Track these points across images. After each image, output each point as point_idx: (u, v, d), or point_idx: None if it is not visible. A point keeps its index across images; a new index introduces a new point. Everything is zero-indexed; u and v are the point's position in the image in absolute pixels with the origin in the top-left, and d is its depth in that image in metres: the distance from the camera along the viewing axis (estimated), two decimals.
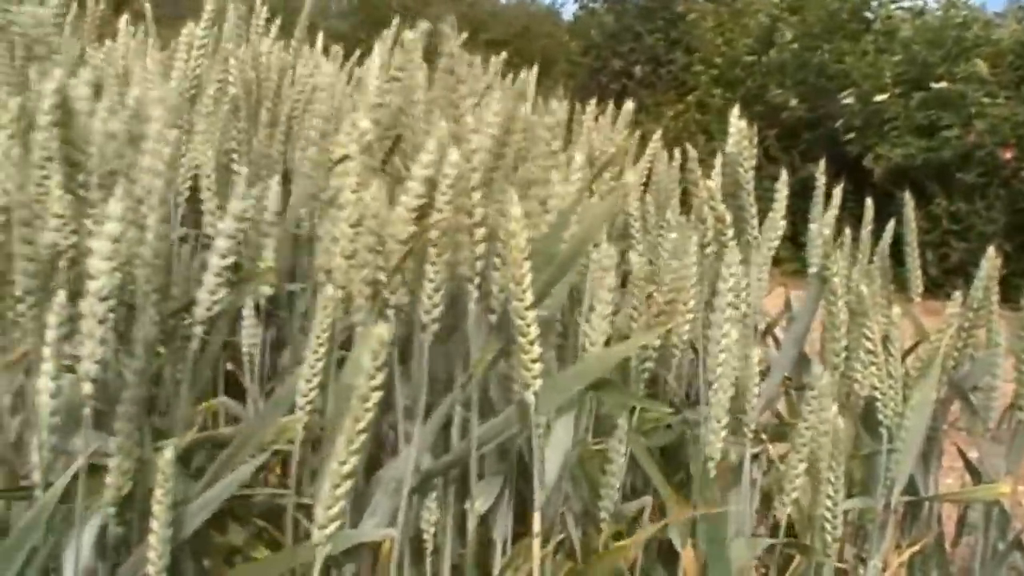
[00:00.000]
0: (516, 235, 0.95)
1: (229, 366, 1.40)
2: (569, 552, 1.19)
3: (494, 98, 1.08)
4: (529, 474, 1.13)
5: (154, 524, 0.89)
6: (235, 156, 1.43)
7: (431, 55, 1.16)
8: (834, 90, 7.31)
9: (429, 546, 1.09)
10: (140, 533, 0.95)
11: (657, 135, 1.70)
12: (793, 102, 7.56)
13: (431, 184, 1.02)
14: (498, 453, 1.11)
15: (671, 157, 1.75)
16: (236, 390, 1.34)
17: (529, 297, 0.95)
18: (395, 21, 2.03)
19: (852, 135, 7.08)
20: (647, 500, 1.27)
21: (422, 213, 1.03)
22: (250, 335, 1.31)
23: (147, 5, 1.82)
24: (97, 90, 1.05)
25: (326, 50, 1.95)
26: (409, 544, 1.08)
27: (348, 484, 0.82)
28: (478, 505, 1.07)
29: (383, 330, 0.79)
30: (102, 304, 0.81)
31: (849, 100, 7.13)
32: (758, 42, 8.13)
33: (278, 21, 1.80)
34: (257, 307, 1.28)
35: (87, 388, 0.83)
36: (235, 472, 0.98)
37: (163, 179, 0.95)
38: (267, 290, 1.26)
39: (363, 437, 0.82)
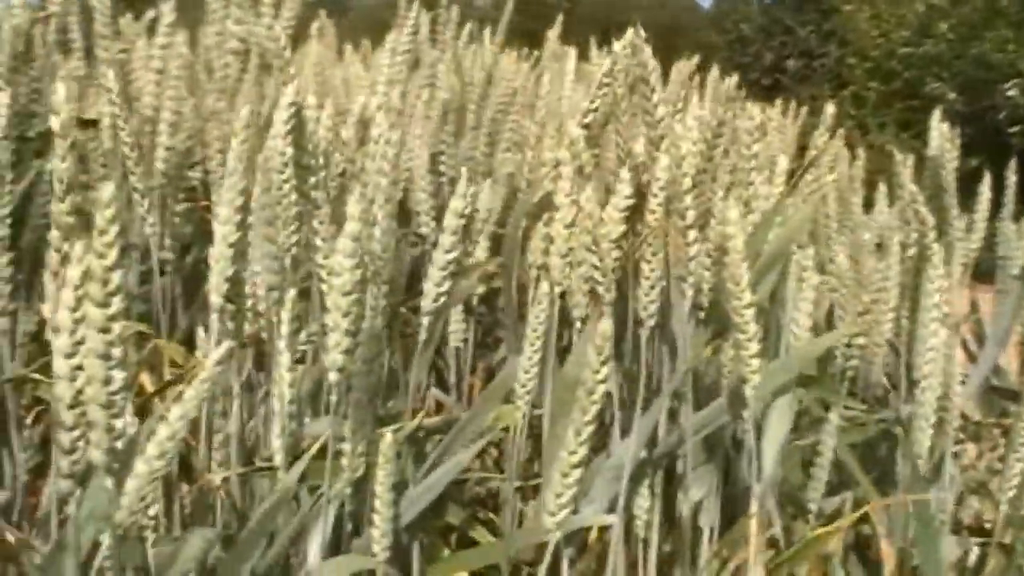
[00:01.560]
0: (734, 237, 0.98)
1: None
2: (770, 543, 1.22)
3: (693, 103, 1.12)
4: (733, 466, 1.17)
5: (378, 505, 0.95)
6: (443, 159, 1.49)
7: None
8: (996, 81, 7.12)
9: (641, 532, 1.13)
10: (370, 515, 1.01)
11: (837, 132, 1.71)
12: (951, 95, 7.40)
13: (640, 186, 1.07)
14: (704, 444, 1.14)
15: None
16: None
17: (748, 295, 0.98)
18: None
19: (1018, 127, 6.89)
20: (847, 496, 1.29)
21: (632, 214, 1.07)
22: (457, 330, 1.38)
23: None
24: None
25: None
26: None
27: (577, 473, 0.86)
28: (692, 494, 1.11)
29: (607, 326, 0.83)
30: (345, 298, 0.87)
31: (1013, 92, 6.94)
32: (915, 33, 7.97)
33: (468, 26, 1.86)
34: (465, 305, 1.34)
35: (333, 377, 0.88)
36: (457, 456, 1.04)
37: (389, 180, 1.01)
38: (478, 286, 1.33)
39: (590, 428, 0.86)
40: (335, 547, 1.01)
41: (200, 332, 1.11)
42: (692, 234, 1.05)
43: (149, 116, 1.42)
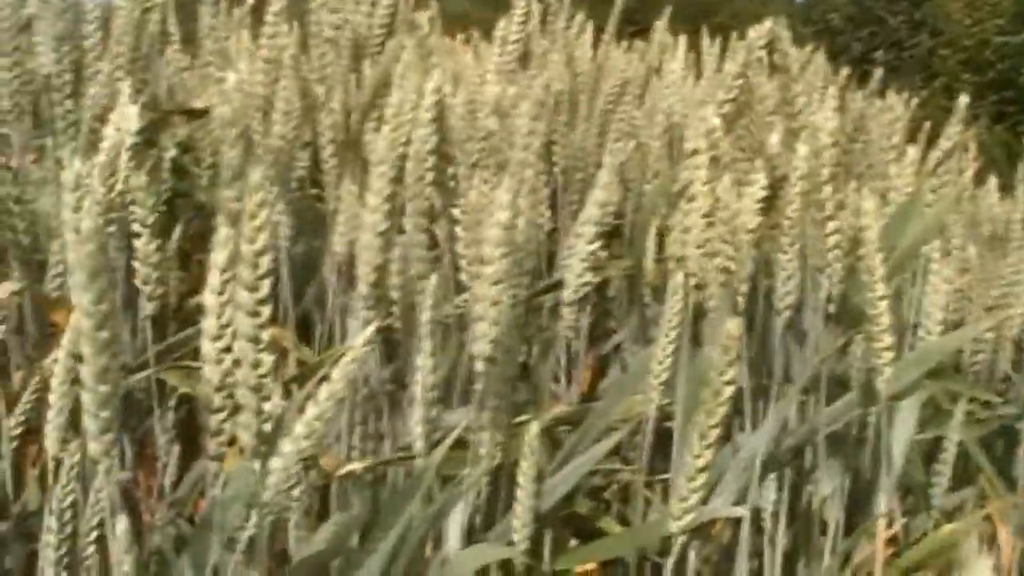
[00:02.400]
0: (870, 228, 0.97)
1: None
2: (891, 540, 1.20)
3: (830, 94, 1.10)
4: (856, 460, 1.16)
5: (520, 495, 0.95)
6: (555, 149, 1.48)
7: None
8: None
9: (768, 524, 1.12)
10: (506, 504, 1.01)
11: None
12: None
13: (776, 177, 1.06)
14: (831, 437, 1.13)
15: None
16: None
17: (882, 288, 0.97)
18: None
19: None
20: (968, 493, 1.27)
21: (768, 205, 1.06)
22: (569, 321, 1.37)
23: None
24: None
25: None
26: None
27: (702, 478, 0.86)
28: (822, 488, 1.10)
29: (734, 326, 0.82)
30: (494, 288, 0.87)
31: None
32: (1010, 22, 7.83)
33: (579, 15, 1.85)
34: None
35: (479, 366, 0.89)
36: (594, 447, 1.03)
37: (533, 169, 1.01)
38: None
39: (716, 432, 0.85)
40: (467, 536, 1.02)
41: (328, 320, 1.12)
42: (831, 225, 1.04)
43: (259, 105, 1.43)
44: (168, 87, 1.58)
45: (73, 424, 1.02)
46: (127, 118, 1.05)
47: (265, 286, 0.70)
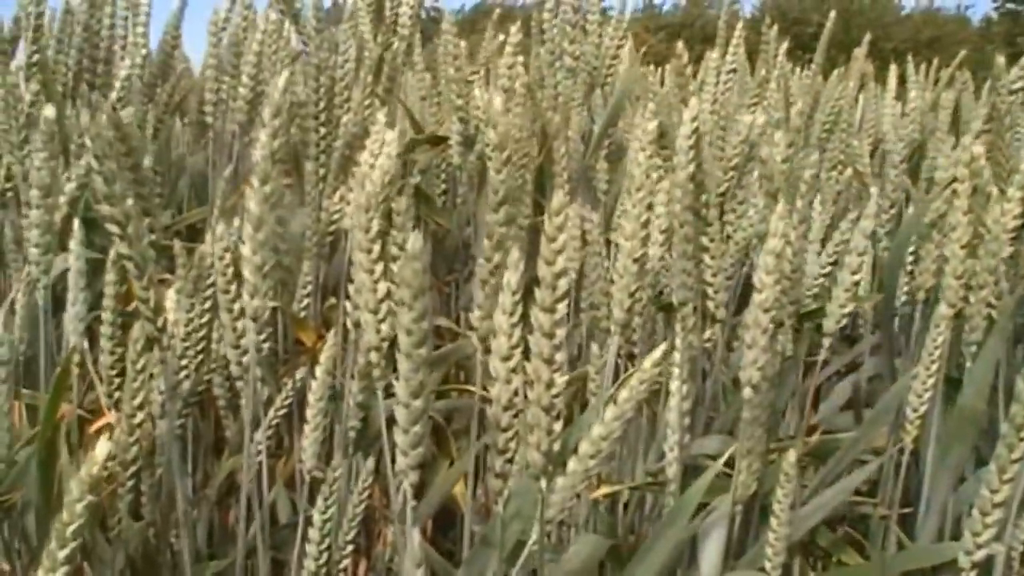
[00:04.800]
0: None
1: None
2: None
3: None
4: None
5: (774, 523, 0.95)
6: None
7: None
8: None
9: (1016, 564, 1.09)
10: (756, 532, 1.01)
11: None
12: None
13: None
14: None
15: None
16: None
17: None
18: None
19: None
20: None
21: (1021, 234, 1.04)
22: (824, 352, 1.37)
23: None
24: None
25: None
26: None
27: (999, 513, 0.84)
28: None
29: None
30: (766, 315, 0.87)
31: None
32: None
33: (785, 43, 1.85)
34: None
35: (747, 393, 0.89)
36: (848, 478, 1.03)
37: (806, 200, 1.01)
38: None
39: (1016, 467, 0.83)
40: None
41: (594, 347, 1.13)
42: None
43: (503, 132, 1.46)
44: (409, 115, 1.64)
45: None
46: (388, 144, 1.08)
47: (562, 308, 0.72)
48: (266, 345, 1.06)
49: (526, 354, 0.73)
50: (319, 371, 1.03)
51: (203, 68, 1.64)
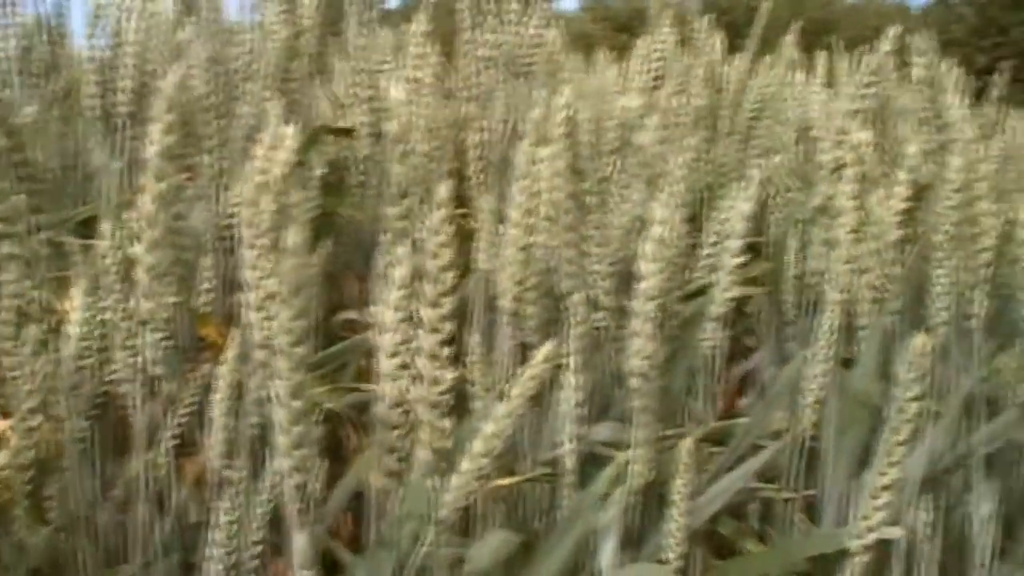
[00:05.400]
0: None
1: None
2: None
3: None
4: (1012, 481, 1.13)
5: (674, 513, 0.95)
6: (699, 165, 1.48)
7: None
8: None
9: (921, 547, 1.10)
10: (654, 522, 1.01)
11: None
12: None
13: (918, 188, 1.04)
14: (986, 459, 1.11)
15: None
16: None
17: None
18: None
19: None
20: None
21: (908, 218, 1.05)
22: (708, 337, 1.37)
23: None
24: None
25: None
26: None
27: (887, 496, 0.84)
28: (982, 510, 1.08)
29: (924, 340, 0.81)
30: (650, 303, 0.87)
31: None
32: None
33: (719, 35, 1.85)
34: None
35: (634, 383, 0.89)
36: (745, 464, 1.03)
37: (683, 184, 1.01)
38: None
39: (902, 450, 0.84)
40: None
41: (475, 337, 1.12)
42: (984, 240, 1.02)
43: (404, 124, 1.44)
44: (318, 107, 1.61)
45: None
46: (285, 137, 1.07)
47: (447, 303, 0.71)
48: (163, 344, 1.05)
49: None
50: (222, 368, 1.01)
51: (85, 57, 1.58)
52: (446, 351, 0.72)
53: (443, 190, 0.69)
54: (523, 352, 1.14)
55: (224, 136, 1.21)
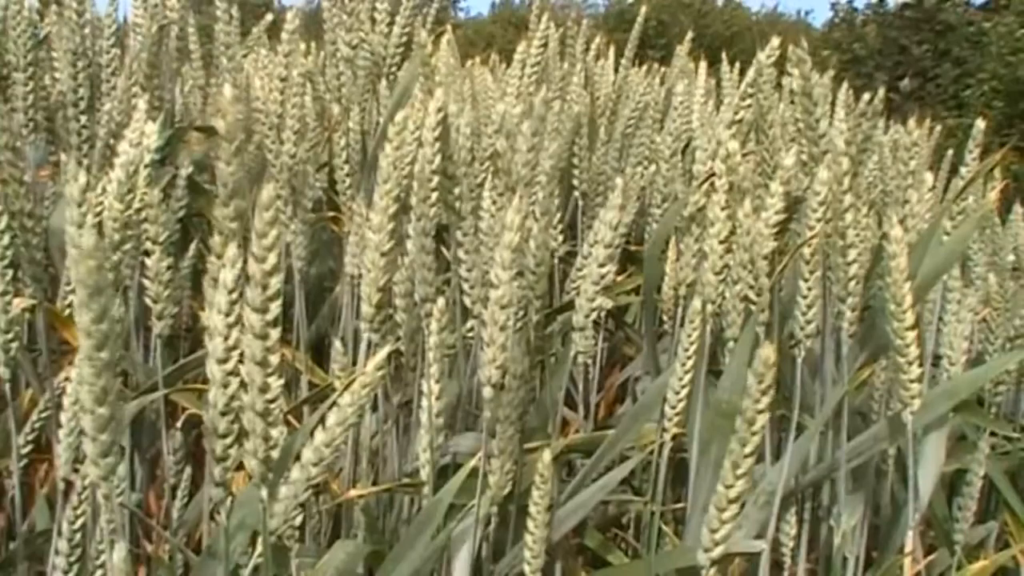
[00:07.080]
0: (898, 256, 0.95)
1: None
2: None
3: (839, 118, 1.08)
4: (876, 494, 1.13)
5: (531, 525, 0.93)
6: (575, 172, 1.47)
7: None
8: None
9: (787, 559, 1.09)
10: (515, 533, 0.99)
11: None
12: None
13: (791, 201, 1.03)
14: (851, 472, 1.11)
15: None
16: None
17: (910, 317, 0.95)
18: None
19: None
20: (992, 526, 1.24)
21: (782, 229, 1.04)
22: (585, 347, 1.35)
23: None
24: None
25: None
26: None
27: (734, 508, 0.83)
28: (845, 520, 1.07)
29: (770, 352, 0.79)
30: (504, 311, 0.85)
31: None
32: None
33: (597, 40, 1.84)
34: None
35: (488, 392, 0.87)
36: (605, 476, 1.01)
37: (546, 192, 0.99)
38: (608, 302, 1.29)
39: (749, 462, 0.82)
40: (475, 568, 1.00)
41: (336, 344, 1.10)
42: (852, 253, 1.01)
43: (273, 123, 1.40)
44: (184, 105, 1.57)
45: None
46: (147, 135, 1.03)
47: (275, 308, 0.68)
48: (14, 345, 1.01)
49: None
50: (73, 372, 0.97)
51: None
52: (274, 358, 0.69)
53: (267, 192, 0.66)
54: (391, 360, 1.12)
55: (88, 133, 1.17)
